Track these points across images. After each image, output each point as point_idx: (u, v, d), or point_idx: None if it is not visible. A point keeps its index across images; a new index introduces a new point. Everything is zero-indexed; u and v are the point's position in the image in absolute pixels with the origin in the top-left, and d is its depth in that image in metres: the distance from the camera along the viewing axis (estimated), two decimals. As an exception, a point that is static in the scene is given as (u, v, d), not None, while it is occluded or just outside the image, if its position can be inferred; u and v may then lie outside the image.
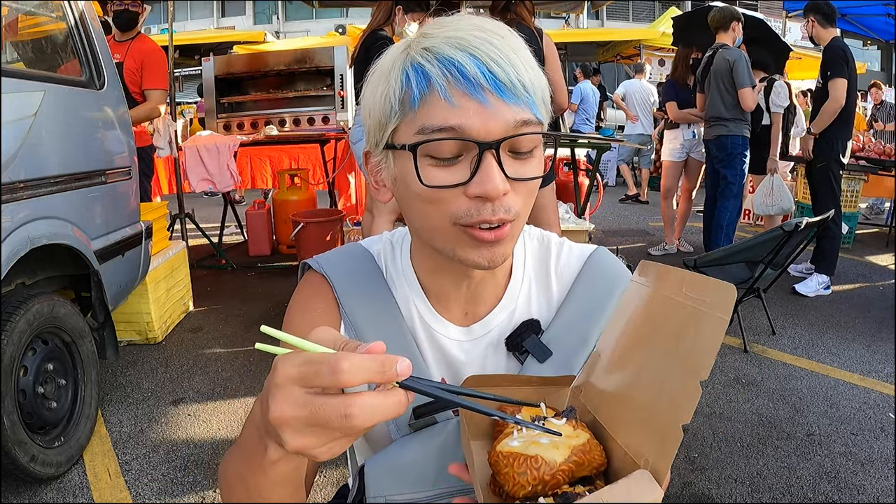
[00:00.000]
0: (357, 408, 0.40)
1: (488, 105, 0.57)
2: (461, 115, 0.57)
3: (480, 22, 0.61)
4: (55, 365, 2.07)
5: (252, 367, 2.85)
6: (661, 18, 11.53)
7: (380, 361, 0.40)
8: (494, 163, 0.58)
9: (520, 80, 0.58)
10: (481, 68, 0.57)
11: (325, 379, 0.39)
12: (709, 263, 3.15)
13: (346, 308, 0.74)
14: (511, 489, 0.51)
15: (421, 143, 0.58)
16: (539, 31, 2.98)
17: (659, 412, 0.48)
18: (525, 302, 0.76)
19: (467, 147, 0.59)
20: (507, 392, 0.61)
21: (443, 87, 0.57)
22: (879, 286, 4.19)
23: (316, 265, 0.78)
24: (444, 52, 0.58)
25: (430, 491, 0.67)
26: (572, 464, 0.51)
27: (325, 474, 2.03)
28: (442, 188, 0.60)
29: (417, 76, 0.58)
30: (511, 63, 0.58)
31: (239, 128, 5.32)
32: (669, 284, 0.55)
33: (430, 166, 0.60)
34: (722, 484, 1.98)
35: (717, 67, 3.95)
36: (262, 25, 19.66)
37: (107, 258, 2.41)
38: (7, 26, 2.17)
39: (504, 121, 0.58)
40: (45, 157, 2.06)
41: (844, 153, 3.86)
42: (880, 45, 14.35)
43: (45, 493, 1.93)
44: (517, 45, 0.61)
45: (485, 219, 0.60)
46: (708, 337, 0.47)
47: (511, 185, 0.60)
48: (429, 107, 0.58)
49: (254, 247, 5.00)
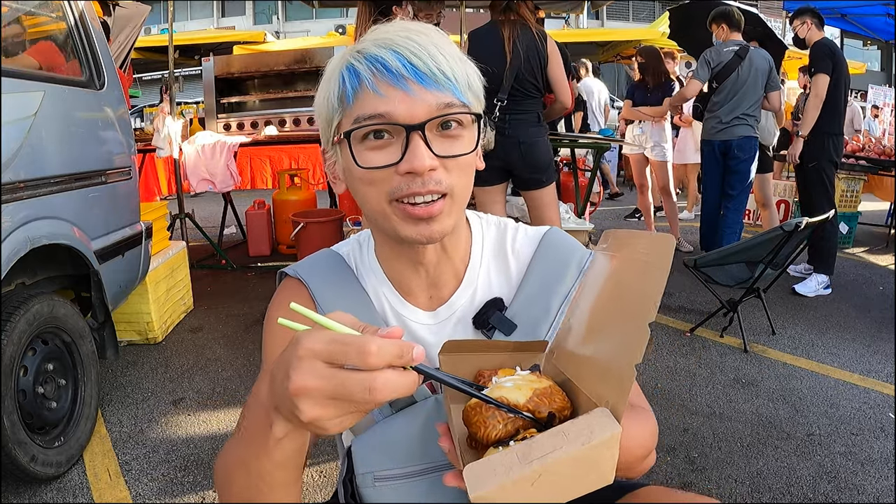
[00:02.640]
0: (380, 382, 0.44)
1: (411, 92, 0.65)
2: (388, 104, 0.65)
3: (409, 24, 0.69)
4: (55, 365, 2.07)
5: (252, 367, 2.85)
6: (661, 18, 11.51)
7: (400, 346, 0.45)
8: (421, 142, 0.65)
9: (439, 69, 0.65)
10: (402, 61, 0.65)
11: (353, 358, 0.44)
12: (709, 263, 3.15)
13: (323, 305, 0.79)
14: (483, 435, 0.54)
15: (354, 130, 0.66)
16: (542, 32, 2.98)
17: (615, 358, 0.53)
18: (485, 282, 0.82)
19: (397, 131, 0.66)
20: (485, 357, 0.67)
21: (370, 81, 0.65)
22: (879, 286, 4.19)
23: (292, 272, 0.84)
24: (370, 51, 0.66)
25: (416, 465, 0.71)
26: (534, 403, 0.55)
27: (325, 474, 2.03)
28: (376, 168, 0.67)
29: (350, 75, 0.67)
30: (430, 55, 0.65)
31: (239, 128, 5.32)
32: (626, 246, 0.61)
33: (366, 150, 0.67)
34: (722, 484, 1.98)
35: (759, 66, 3.86)
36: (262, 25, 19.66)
37: (107, 258, 2.42)
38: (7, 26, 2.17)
39: (427, 105, 0.65)
40: (45, 157, 2.06)
41: (837, 152, 3.85)
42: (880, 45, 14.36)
43: (45, 493, 1.93)
44: (438, 40, 0.68)
45: (415, 191, 0.66)
46: (652, 283, 0.51)
47: (441, 162, 0.67)
48: (361, 100, 0.66)
49: (254, 247, 5.00)
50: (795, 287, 3.95)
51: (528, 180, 3.06)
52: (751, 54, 3.89)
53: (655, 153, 5.08)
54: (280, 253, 5.02)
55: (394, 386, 0.44)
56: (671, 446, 2.19)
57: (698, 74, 4.04)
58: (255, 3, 21.17)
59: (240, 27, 18.73)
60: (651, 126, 5.07)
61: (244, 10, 21.23)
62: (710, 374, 2.79)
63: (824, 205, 3.67)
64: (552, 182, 3.12)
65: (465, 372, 0.65)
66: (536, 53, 2.90)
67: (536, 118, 3.01)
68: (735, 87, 3.92)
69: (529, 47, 2.87)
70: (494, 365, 0.66)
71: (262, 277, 4.38)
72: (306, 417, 0.45)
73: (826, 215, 3.12)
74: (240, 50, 8.65)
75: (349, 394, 0.44)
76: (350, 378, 0.44)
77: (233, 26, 19.04)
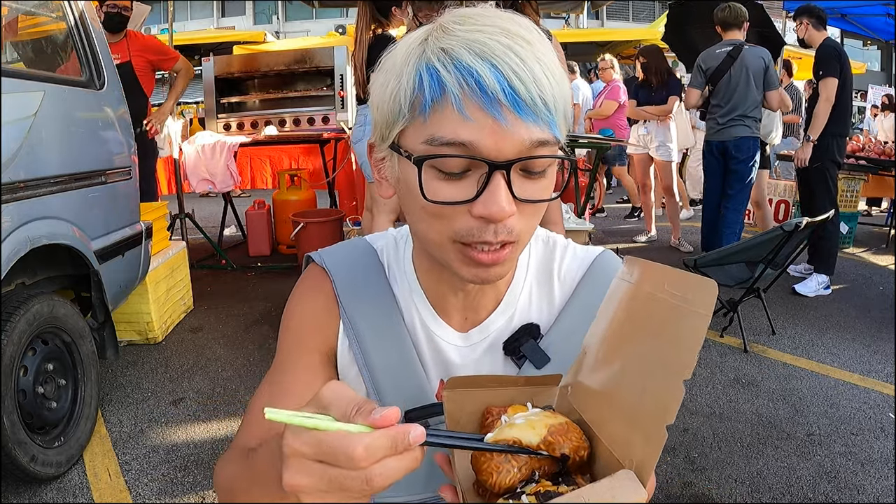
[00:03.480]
0: (377, 473, 0.41)
1: (504, 122, 0.53)
2: (474, 131, 0.53)
3: (507, 23, 0.55)
4: (55, 365, 2.06)
5: (252, 367, 2.85)
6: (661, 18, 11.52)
7: (392, 437, 0.41)
8: (503, 183, 0.55)
9: (542, 98, 0.54)
10: (501, 82, 0.52)
11: (342, 463, 0.41)
12: (709, 263, 3.15)
13: (345, 305, 0.73)
14: (494, 482, 0.50)
15: (428, 158, 0.55)
16: (547, 32, 2.96)
17: (643, 412, 0.47)
18: (525, 305, 0.74)
19: (476, 164, 0.55)
20: (494, 393, 0.61)
21: (457, 99, 0.53)
22: (879, 286, 4.19)
23: (318, 258, 0.77)
24: (462, 58, 0.53)
25: (420, 495, 0.67)
26: (547, 443, 0.51)
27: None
28: (446, 204, 0.57)
29: (431, 81, 0.54)
30: (534, 77, 0.53)
31: (239, 128, 5.32)
32: (652, 281, 0.53)
33: (435, 178, 0.57)
34: (722, 484, 1.98)
35: (751, 65, 3.84)
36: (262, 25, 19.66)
37: (107, 258, 2.41)
38: (7, 26, 2.17)
39: (519, 141, 0.54)
40: (44, 157, 2.06)
41: (840, 153, 3.85)
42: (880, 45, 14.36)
43: (45, 493, 1.93)
44: (543, 53, 0.55)
45: (486, 240, 0.57)
46: (690, 335, 0.45)
47: (517, 205, 0.57)
48: (440, 116, 0.54)
49: (254, 247, 5.00)
50: (795, 287, 3.95)
51: None
52: (743, 54, 3.88)
53: (661, 153, 5.08)
54: (280, 253, 5.02)
55: (393, 472, 0.41)
56: (671, 446, 2.19)
57: (693, 82, 4.09)
58: (255, 3, 21.17)
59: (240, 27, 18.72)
60: (656, 125, 5.07)
61: (244, 10, 21.24)
62: (710, 374, 2.79)
63: (826, 205, 3.66)
64: None
65: (471, 409, 0.61)
66: None
67: None
68: (728, 89, 3.93)
69: None
70: (504, 401, 0.61)
71: (262, 277, 4.38)
72: None
73: (826, 215, 3.12)
74: (240, 50, 8.65)
75: (346, 488, 0.41)
76: (344, 475, 0.41)
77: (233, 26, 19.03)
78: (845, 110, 3.80)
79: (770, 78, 3.86)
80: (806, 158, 3.79)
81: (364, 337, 0.72)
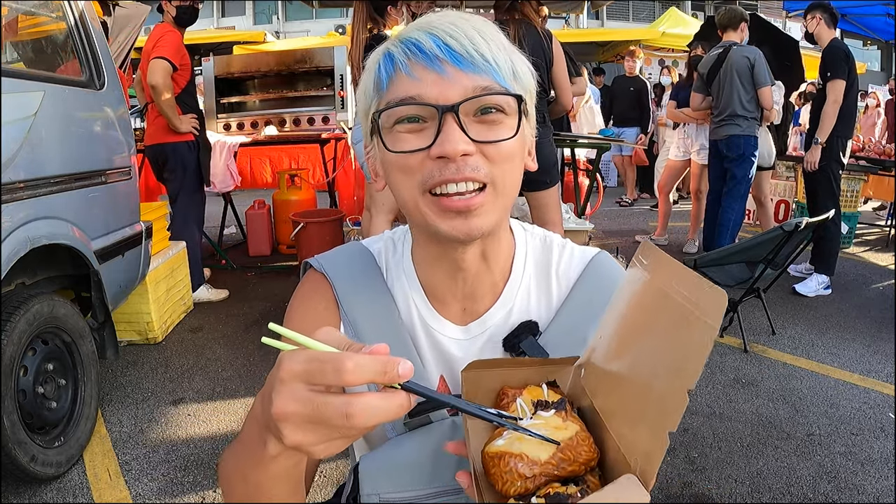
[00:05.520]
0: (358, 408, 0.41)
1: (445, 74, 0.61)
2: (420, 86, 0.61)
3: (455, 12, 0.65)
4: (55, 365, 2.07)
5: (252, 367, 2.85)
6: (661, 18, 11.53)
7: (382, 362, 0.41)
8: (455, 124, 0.61)
9: (477, 52, 0.62)
10: (437, 42, 0.61)
11: (329, 377, 0.41)
12: (709, 263, 3.15)
13: (346, 307, 0.75)
14: (501, 488, 0.52)
15: (383, 110, 0.63)
16: (547, 32, 2.97)
17: (649, 414, 0.48)
18: (523, 301, 0.76)
19: (431, 115, 0.62)
20: (510, 373, 0.63)
21: (404, 64, 0.62)
22: (879, 286, 4.19)
23: (317, 264, 0.79)
24: (409, 34, 0.63)
25: (424, 490, 0.67)
26: (557, 459, 0.51)
27: (325, 474, 2.03)
28: (407, 153, 0.63)
29: (385, 61, 0.64)
30: (468, 37, 0.62)
31: (239, 128, 5.32)
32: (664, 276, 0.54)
33: (397, 134, 0.64)
34: (722, 484, 1.98)
35: (736, 65, 3.89)
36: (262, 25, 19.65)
37: (107, 258, 2.42)
38: (7, 26, 2.17)
39: (462, 87, 0.61)
40: (45, 157, 2.06)
41: (844, 153, 3.85)
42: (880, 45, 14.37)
43: (45, 493, 1.93)
44: (482, 26, 0.64)
45: (448, 177, 0.61)
46: (697, 345, 0.45)
47: (478, 148, 0.62)
48: (395, 84, 0.63)
49: (254, 247, 5.00)
50: (795, 287, 3.95)
51: (533, 181, 3.05)
52: (731, 54, 3.94)
53: (701, 157, 4.73)
54: (280, 253, 5.02)
55: (375, 411, 0.41)
56: (671, 446, 2.18)
57: (695, 86, 4.14)
58: (255, 3, 21.15)
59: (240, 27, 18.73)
60: (696, 128, 4.78)
61: (244, 10, 21.22)
62: (710, 374, 2.79)
63: (829, 205, 3.66)
64: (556, 183, 3.11)
65: (488, 388, 0.62)
66: (542, 53, 2.89)
67: (542, 118, 3.01)
68: (718, 89, 4.02)
69: (535, 47, 2.86)
70: (520, 381, 0.62)
71: (262, 277, 4.38)
72: (289, 442, 0.43)
73: (826, 215, 3.12)
74: (240, 50, 8.66)
75: (327, 419, 0.41)
76: (328, 403, 0.41)
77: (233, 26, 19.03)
78: (850, 112, 3.81)
79: (758, 76, 3.88)
80: (815, 161, 3.78)
81: (365, 338, 0.73)
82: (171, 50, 3.39)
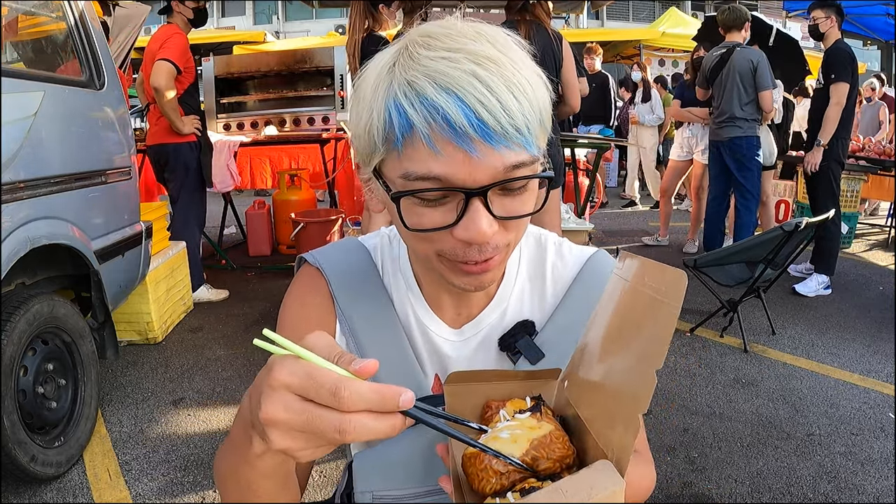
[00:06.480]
0: (351, 426, 0.41)
1: (476, 153, 0.53)
2: (446, 164, 0.54)
3: (473, 44, 0.54)
4: (55, 365, 2.07)
5: (252, 367, 2.85)
6: (661, 18, 11.54)
7: (381, 395, 0.42)
8: (482, 208, 0.56)
9: (512, 125, 0.53)
10: (468, 116, 0.51)
11: (325, 399, 0.41)
12: (709, 263, 3.15)
13: (341, 304, 0.74)
14: (478, 487, 0.52)
15: (404, 195, 0.56)
16: (557, 34, 2.96)
17: (622, 403, 0.49)
18: (517, 302, 0.75)
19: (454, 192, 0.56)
20: (494, 386, 0.62)
21: (426, 135, 0.53)
22: (879, 286, 4.19)
23: (312, 259, 0.77)
24: (427, 93, 0.52)
25: (418, 488, 0.67)
26: (531, 456, 0.52)
27: (325, 473, 2.03)
28: (428, 231, 0.58)
29: (400, 118, 0.54)
30: (502, 106, 0.52)
31: (239, 128, 5.32)
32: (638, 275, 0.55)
33: (415, 206, 0.57)
34: (722, 484, 1.98)
35: (738, 67, 3.88)
36: (262, 25, 19.65)
37: (107, 258, 2.42)
38: (7, 26, 2.17)
39: (493, 168, 0.54)
40: (45, 157, 2.06)
41: (844, 153, 3.85)
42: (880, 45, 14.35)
43: (45, 493, 1.93)
44: (513, 70, 0.54)
45: (471, 258, 0.59)
46: (661, 326, 0.47)
47: (500, 224, 0.58)
48: (413, 150, 0.54)
49: (254, 247, 5.00)
50: (795, 287, 3.95)
51: None
52: (734, 55, 3.93)
53: (706, 157, 4.64)
54: (280, 253, 5.02)
55: (368, 430, 0.41)
56: (671, 446, 2.19)
57: (697, 82, 4.14)
58: (255, 3, 21.16)
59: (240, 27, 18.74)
60: (702, 128, 4.75)
61: (244, 10, 21.21)
62: (710, 374, 2.79)
63: (830, 205, 3.66)
64: (559, 186, 3.10)
65: (472, 403, 0.62)
66: (552, 54, 2.88)
67: None
68: (719, 90, 4.01)
69: (545, 48, 2.85)
70: (503, 394, 0.62)
71: (262, 277, 4.38)
72: (276, 447, 0.43)
73: (826, 215, 3.12)
74: (240, 50, 8.67)
75: (319, 431, 0.41)
76: (322, 417, 0.41)
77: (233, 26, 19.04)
78: (851, 113, 3.81)
79: (760, 78, 3.88)
80: (816, 163, 3.77)
81: (360, 334, 0.73)
82: (177, 53, 3.40)
